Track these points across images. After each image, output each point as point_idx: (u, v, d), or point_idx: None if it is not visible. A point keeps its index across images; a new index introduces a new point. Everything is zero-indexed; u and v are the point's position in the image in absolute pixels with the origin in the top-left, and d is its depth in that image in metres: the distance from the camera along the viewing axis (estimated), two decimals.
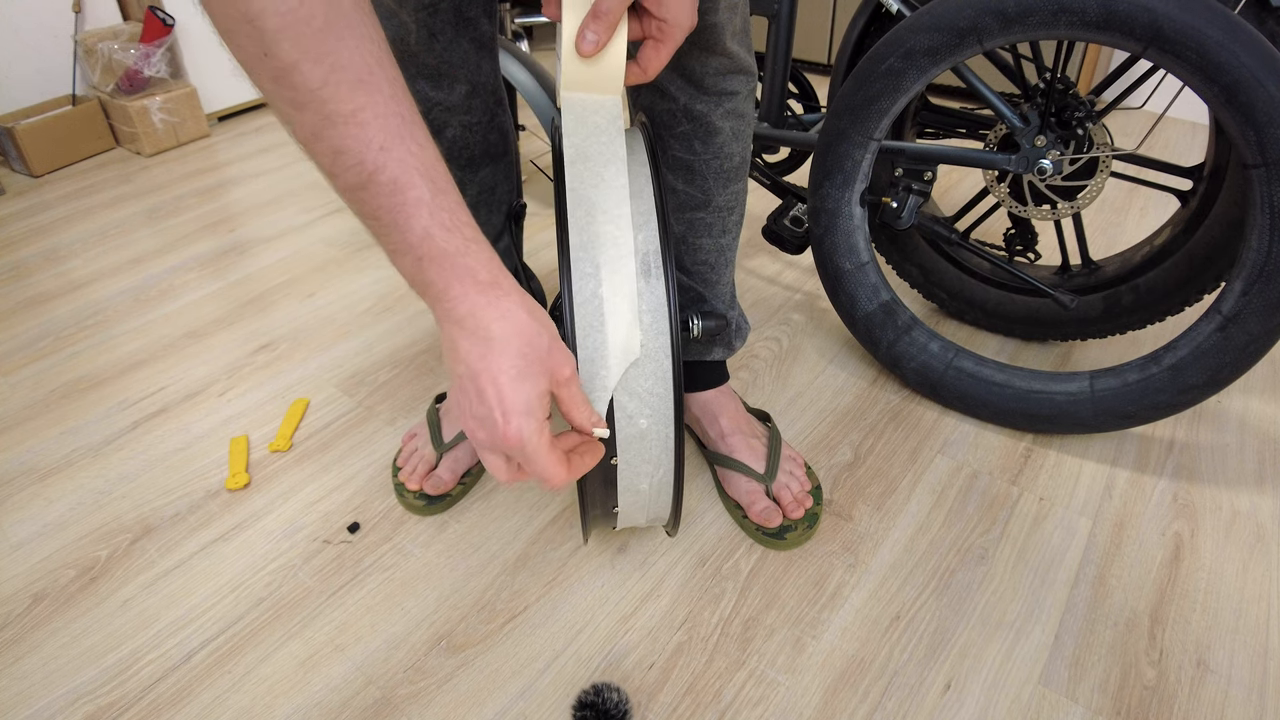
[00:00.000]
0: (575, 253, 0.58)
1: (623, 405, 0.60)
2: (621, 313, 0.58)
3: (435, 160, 0.49)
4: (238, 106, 2.20)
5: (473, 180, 0.85)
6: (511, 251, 0.95)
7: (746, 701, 0.75)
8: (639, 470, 0.64)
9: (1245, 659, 0.77)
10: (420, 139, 0.48)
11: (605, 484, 0.65)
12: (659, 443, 0.62)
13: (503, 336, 0.50)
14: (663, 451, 0.63)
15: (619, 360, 0.58)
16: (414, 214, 0.49)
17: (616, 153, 0.61)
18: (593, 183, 0.60)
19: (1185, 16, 0.79)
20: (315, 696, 0.77)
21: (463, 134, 0.81)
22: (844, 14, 2.17)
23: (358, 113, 0.45)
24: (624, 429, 0.61)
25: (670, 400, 0.61)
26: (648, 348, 0.60)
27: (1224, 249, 0.96)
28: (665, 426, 0.62)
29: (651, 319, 0.60)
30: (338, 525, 0.94)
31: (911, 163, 1.03)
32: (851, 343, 1.21)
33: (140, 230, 1.63)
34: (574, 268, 0.58)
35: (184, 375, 1.20)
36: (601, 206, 0.59)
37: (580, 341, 0.58)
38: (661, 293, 0.60)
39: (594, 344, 0.58)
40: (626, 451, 0.63)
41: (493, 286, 0.50)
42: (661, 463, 0.64)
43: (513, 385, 0.49)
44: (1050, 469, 0.98)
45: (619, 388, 0.59)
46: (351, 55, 0.45)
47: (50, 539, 0.94)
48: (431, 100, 0.78)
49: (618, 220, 0.59)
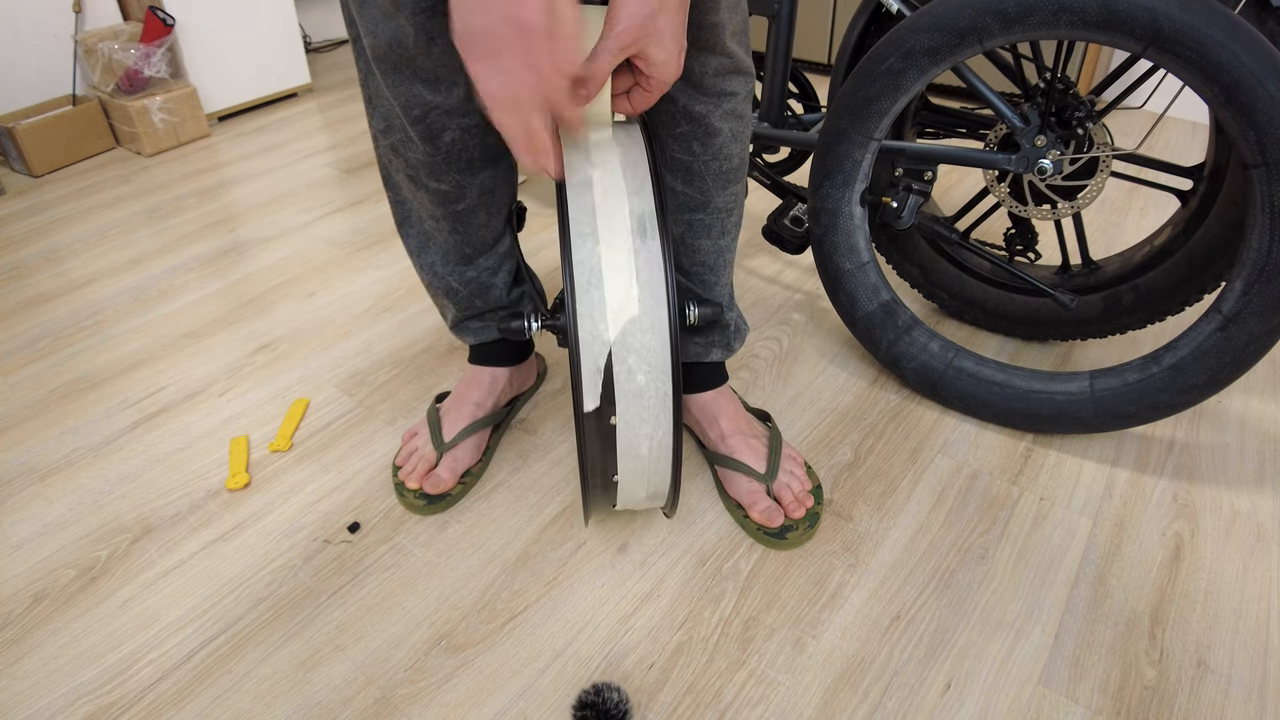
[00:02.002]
0: (573, 214, 0.60)
1: (622, 359, 0.62)
2: (619, 268, 0.61)
3: None
4: (238, 106, 2.20)
5: (472, 183, 0.85)
6: (513, 253, 0.95)
7: (746, 701, 0.75)
8: (638, 431, 0.65)
9: (1245, 659, 0.77)
10: None
11: (605, 449, 0.67)
12: (657, 400, 0.64)
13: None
14: (661, 410, 0.64)
15: (617, 316, 0.60)
16: None
17: (609, 140, 0.66)
18: (589, 162, 0.64)
19: (1185, 16, 0.79)
20: (315, 696, 0.77)
21: (462, 136, 0.81)
22: (844, 14, 2.17)
23: None
24: (623, 384, 0.62)
25: (667, 357, 0.62)
26: (644, 304, 0.61)
27: (1224, 249, 0.96)
28: (663, 384, 0.63)
29: (648, 275, 0.62)
30: (338, 525, 0.94)
31: (911, 162, 1.03)
32: (851, 343, 1.21)
33: (140, 230, 1.63)
34: (572, 228, 0.60)
35: (184, 375, 1.20)
36: (597, 178, 0.63)
37: (579, 298, 0.60)
38: (657, 251, 0.62)
39: (592, 300, 0.60)
40: (626, 410, 0.64)
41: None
42: (660, 423, 0.65)
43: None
44: (1050, 469, 0.98)
45: (617, 343, 0.61)
46: None
47: (50, 539, 0.94)
48: (429, 104, 0.77)
49: (612, 188, 0.62)
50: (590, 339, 0.61)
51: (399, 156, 0.83)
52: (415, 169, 0.83)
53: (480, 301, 0.95)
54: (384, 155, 0.86)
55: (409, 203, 0.90)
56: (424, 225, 0.91)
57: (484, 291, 0.94)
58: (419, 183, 0.84)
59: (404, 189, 0.88)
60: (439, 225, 0.88)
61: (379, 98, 0.80)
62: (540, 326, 0.69)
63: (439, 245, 0.91)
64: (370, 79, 0.79)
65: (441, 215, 0.87)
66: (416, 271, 0.95)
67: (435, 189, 0.84)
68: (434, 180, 0.83)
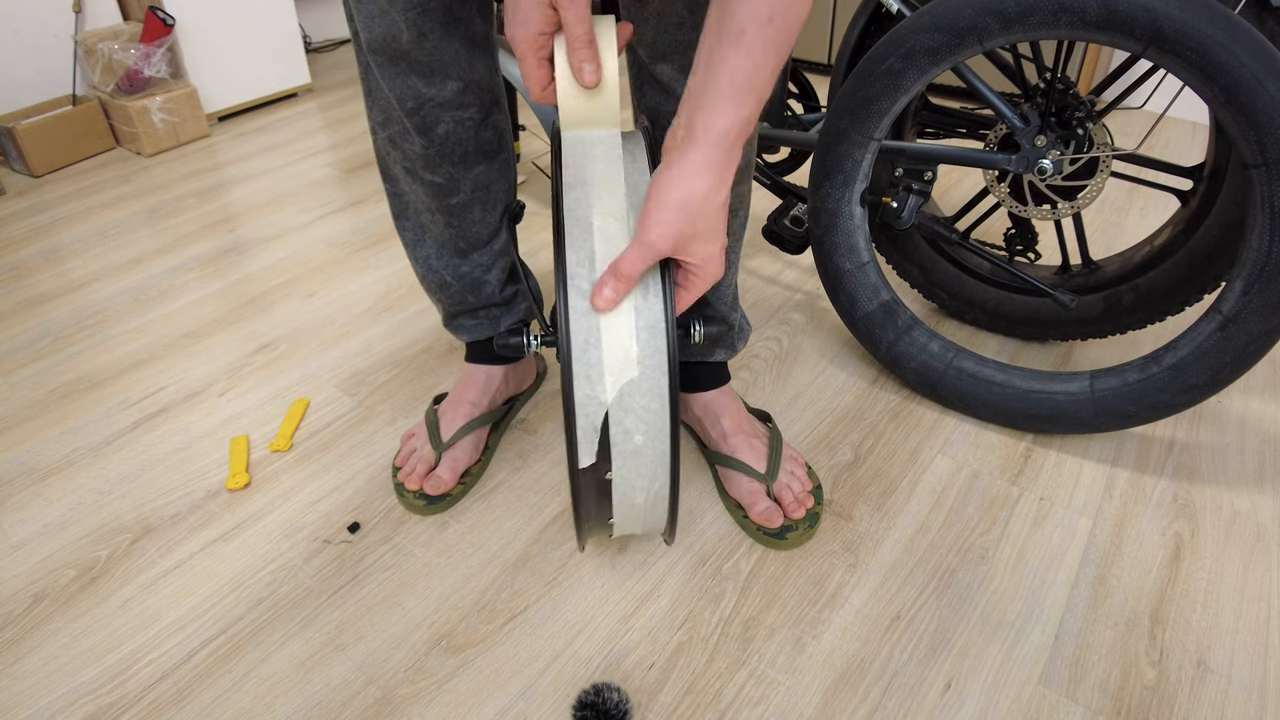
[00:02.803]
0: (571, 269, 0.58)
1: (619, 421, 0.60)
2: (618, 330, 0.58)
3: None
4: (238, 106, 2.20)
5: (466, 177, 0.86)
6: (509, 250, 0.95)
7: (746, 701, 0.75)
8: (634, 485, 0.64)
9: (1245, 659, 0.77)
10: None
11: (600, 496, 0.65)
12: (655, 457, 0.62)
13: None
14: (658, 466, 0.62)
15: (615, 378, 0.58)
16: None
17: (615, 176, 0.62)
18: (590, 204, 0.60)
19: (1185, 16, 0.79)
20: (315, 696, 0.77)
21: (455, 129, 0.82)
22: (844, 14, 2.17)
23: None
24: (620, 444, 0.61)
25: (666, 416, 0.60)
26: (644, 365, 0.59)
27: (1224, 249, 0.96)
28: (661, 442, 0.61)
29: (649, 335, 0.59)
30: (338, 525, 0.94)
31: (911, 163, 1.03)
32: (851, 343, 1.21)
33: (140, 230, 1.63)
34: (570, 284, 0.57)
35: (184, 375, 1.20)
36: (599, 225, 0.59)
37: (576, 358, 0.57)
38: (659, 310, 0.59)
39: (589, 361, 0.58)
40: (622, 467, 0.62)
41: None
42: (657, 476, 0.63)
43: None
44: (1050, 469, 0.98)
45: (614, 404, 0.59)
46: None
47: (50, 539, 0.94)
48: (423, 96, 0.79)
49: (614, 238, 0.59)
50: (587, 400, 0.58)
51: (396, 149, 0.84)
52: (412, 161, 0.84)
53: (473, 297, 0.95)
54: (382, 147, 0.87)
55: (406, 195, 0.91)
56: (420, 218, 0.91)
57: (477, 287, 0.94)
58: (415, 175, 0.85)
59: (401, 181, 0.89)
60: (434, 218, 0.89)
61: (377, 91, 0.81)
62: (540, 343, 0.68)
63: (434, 238, 0.92)
64: (369, 73, 0.81)
65: (437, 208, 0.88)
66: (411, 264, 0.96)
67: (430, 181, 0.85)
68: (429, 172, 0.84)
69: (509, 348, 0.68)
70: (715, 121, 0.55)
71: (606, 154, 0.63)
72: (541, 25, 0.60)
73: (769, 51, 0.54)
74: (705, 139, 0.56)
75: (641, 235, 0.57)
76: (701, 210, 0.57)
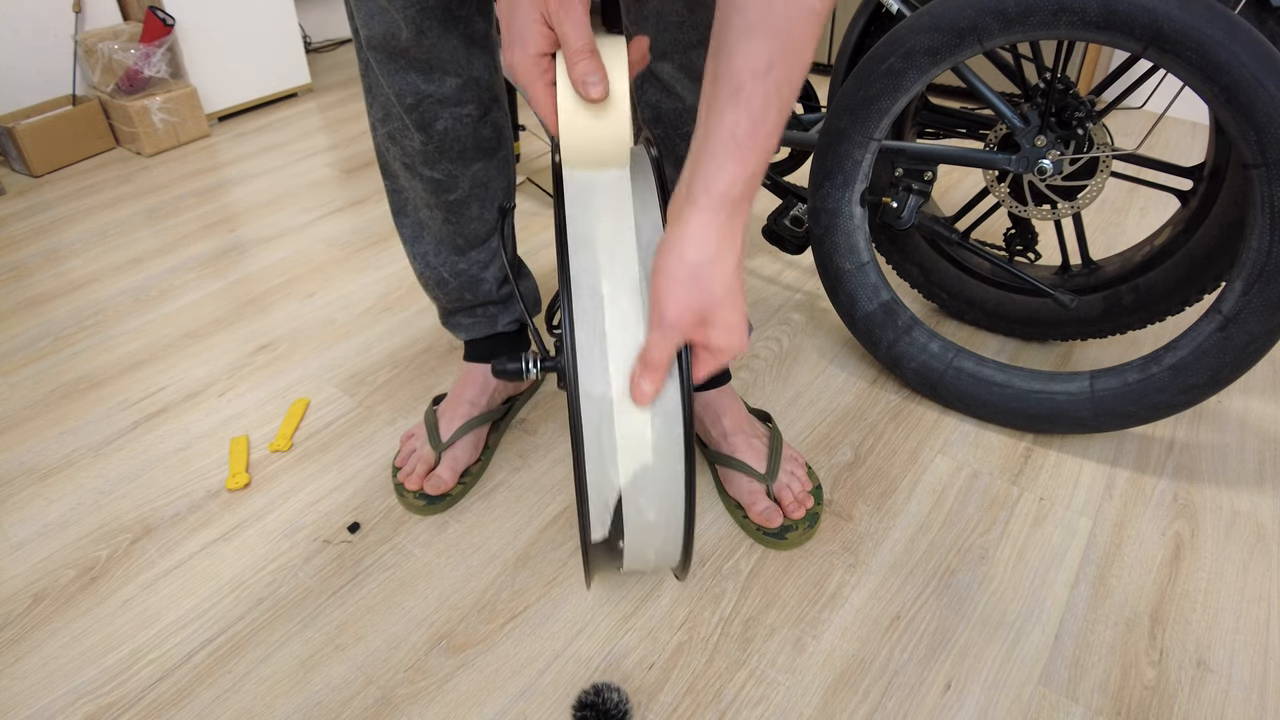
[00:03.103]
0: (583, 348, 0.54)
1: (632, 500, 0.58)
2: (632, 415, 0.55)
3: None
4: (238, 106, 2.20)
5: (465, 174, 0.86)
6: (502, 249, 0.96)
7: (746, 701, 0.75)
8: (645, 553, 0.63)
9: (1245, 659, 0.77)
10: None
11: (610, 557, 0.63)
12: (669, 528, 0.60)
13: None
14: (673, 533, 0.61)
15: (629, 462, 0.56)
16: None
17: (624, 231, 0.57)
18: (599, 271, 0.55)
19: (1185, 16, 0.79)
20: (315, 696, 0.77)
21: (454, 126, 0.82)
22: (844, 14, 2.17)
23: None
24: (633, 520, 0.59)
25: (682, 497, 0.58)
26: (659, 451, 0.56)
27: (1224, 249, 0.96)
28: (676, 516, 0.59)
29: (664, 422, 0.56)
30: (338, 525, 0.94)
31: (911, 163, 1.03)
32: (851, 343, 1.21)
33: (140, 230, 1.63)
34: (581, 368, 0.54)
35: (184, 375, 1.20)
36: (608, 294, 0.55)
37: (588, 441, 0.55)
38: (675, 396, 0.55)
39: (603, 446, 0.55)
40: (634, 539, 0.61)
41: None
42: (670, 538, 0.62)
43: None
44: (1050, 469, 0.98)
45: (628, 486, 0.57)
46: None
47: (50, 539, 0.94)
48: (422, 92, 0.79)
49: (627, 312, 0.55)
50: (600, 481, 0.56)
51: (395, 145, 0.85)
52: (411, 157, 0.85)
53: (470, 295, 0.95)
54: (382, 144, 0.87)
55: (405, 192, 0.91)
56: (419, 214, 0.92)
57: (474, 285, 0.95)
58: (414, 171, 0.86)
59: (400, 178, 0.89)
60: (433, 214, 0.90)
61: (377, 87, 0.82)
62: (540, 370, 0.66)
63: (433, 235, 0.92)
64: (369, 70, 0.82)
65: (435, 204, 0.88)
66: (410, 261, 0.96)
67: (429, 177, 0.85)
68: (428, 168, 0.85)
69: (507, 374, 0.66)
70: (716, 182, 0.52)
71: (614, 204, 0.57)
72: (540, 45, 0.55)
73: (770, 104, 0.51)
74: (706, 202, 0.52)
75: (659, 316, 0.53)
76: (714, 277, 0.53)
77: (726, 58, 0.51)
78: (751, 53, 0.49)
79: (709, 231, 0.52)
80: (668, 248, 0.53)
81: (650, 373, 0.54)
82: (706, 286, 0.53)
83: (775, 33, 0.49)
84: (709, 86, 0.53)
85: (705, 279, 0.53)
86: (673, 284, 0.53)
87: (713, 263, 0.53)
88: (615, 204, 0.58)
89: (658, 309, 0.53)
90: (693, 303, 0.53)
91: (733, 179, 0.52)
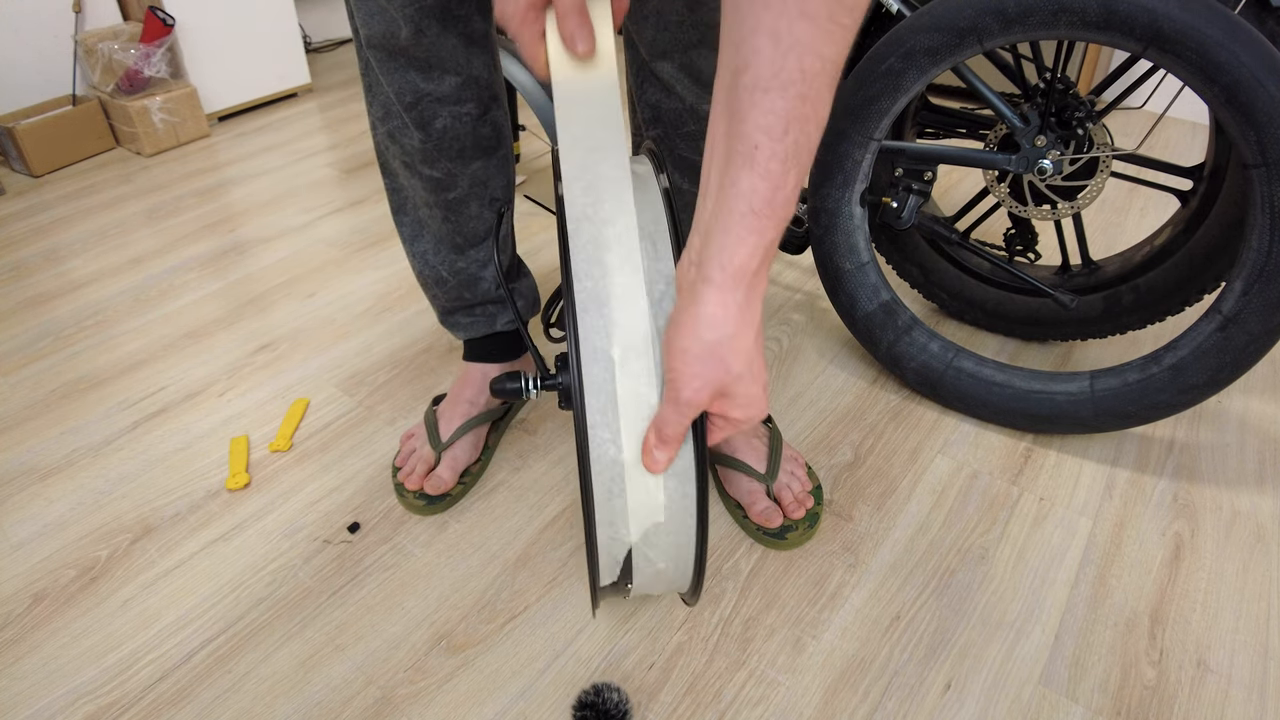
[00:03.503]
0: (593, 416, 0.53)
1: (642, 553, 0.57)
2: (644, 479, 0.54)
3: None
4: (238, 106, 2.20)
5: (464, 173, 0.86)
6: (504, 248, 0.96)
7: (746, 701, 0.75)
8: (653, 589, 0.63)
9: (1245, 659, 0.77)
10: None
11: (616, 589, 0.63)
12: (678, 573, 0.61)
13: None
14: (681, 575, 0.61)
15: (640, 522, 0.56)
16: None
17: (634, 286, 0.54)
18: (610, 333, 0.53)
19: (1185, 16, 0.79)
20: (315, 696, 0.77)
21: (453, 124, 0.82)
22: None
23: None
24: (643, 570, 0.59)
25: (692, 549, 0.58)
26: (671, 510, 0.55)
27: (1224, 249, 0.96)
28: (685, 565, 0.59)
29: (678, 483, 0.54)
30: (338, 525, 0.94)
31: (911, 163, 1.03)
32: (851, 343, 1.21)
33: (140, 230, 1.63)
34: (592, 434, 0.53)
35: (184, 375, 1.20)
36: (619, 358, 0.53)
37: (599, 505, 0.55)
38: (689, 459, 0.54)
39: (614, 509, 0.55)
40: (643, 583, 0.61)
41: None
42: (679, 580, 0.62)
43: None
44: (1050, 469, 0.98)
45: (639, 542, 0.57)
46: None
47: (50, 539, 0.94)
48: (422, 91, 0.79)
49: (639, 378, 0.53)
50: (610, 541, 0.56)
51: (395, 143, 0.85)
52: (410, 155, 0.85)
53: (469, 294, 0.96)
54: (381, 142, 0.87)
55: (404, 190, 0.91)
56: (418, 213, 0.92)
57: (472, 283, 0.95)
58: (413, 170, 0.86)
59: (400, 176, 0.90)
60: (432, 213, 0.90)
61: (377, 86, 0.82)
62: (540, 389, 0.65)
63: (432, 234, 0.92)
64: (369, 68, 0.82)
65: (434, 203, 0.88)
66: (409, 260, 0.96)
67: (429, 176, 0.86)
68: (427, 167, 0.85)
69: (506, 393, 0.65)
70: (732, 256, 0.47)
71: (623, 257, 0.54)
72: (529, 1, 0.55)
73: (790, 168, 0.46)
74: (723, 279, 0.48)
75: (674, 393, 0.50)
76: (732, 353, 0.49)
77: (739, 117, 0.46)
78: (766, 111, 0.45)
79: (727, 311, 0.48)
80: (682, 327, 0.50)
81: (664, 446, 0.52)
82: (724, 363, 0.50)
83: (790, 87, 0.44)
84: (718, 147, 0.48)
85: (723, 356, 0.49)
86: (688, 363, 0.49)
87: (731, 339, 0.49)
88: (623, 258, 0.54)
89: (673, 386, 0.50)
90: (710, 380, 0.50)
91: (750, 252, 0.48)
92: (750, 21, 0.44)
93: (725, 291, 0.48)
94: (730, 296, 0.48)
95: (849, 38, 0.45)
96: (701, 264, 0.48)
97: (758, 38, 0.44)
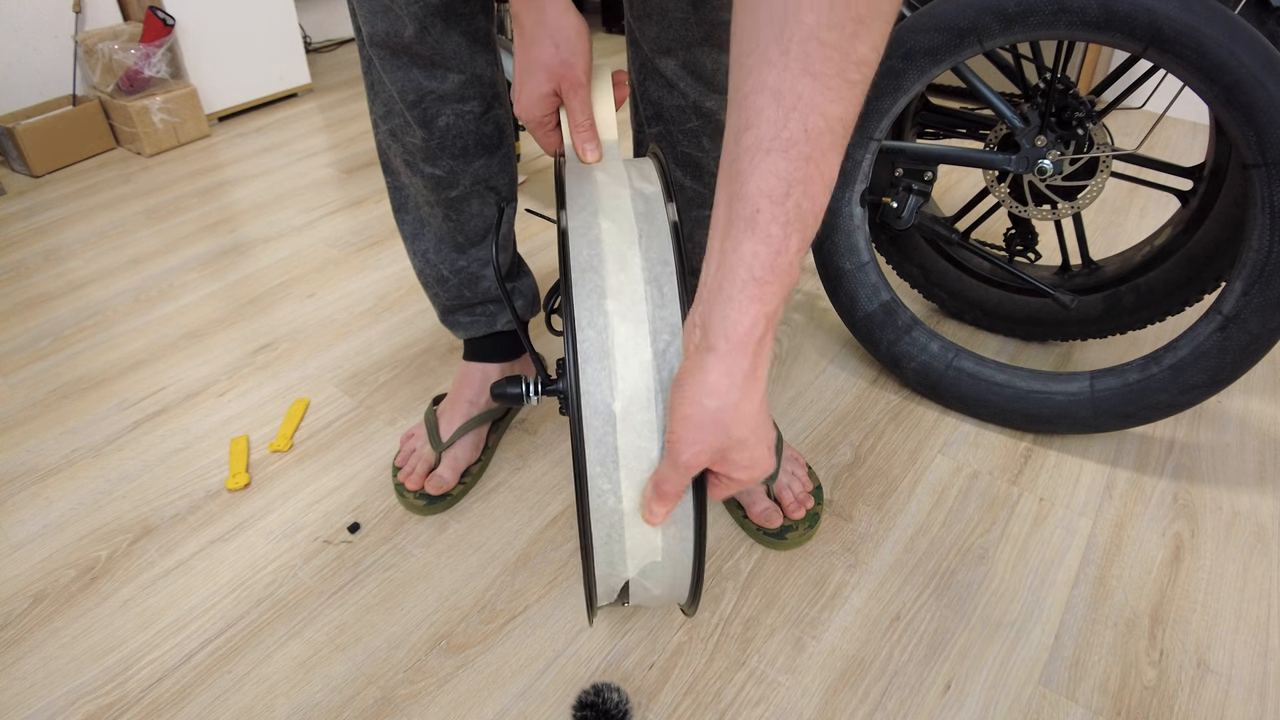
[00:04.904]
0: (592, 468, 0.53)
1: (639, 584, 0.58)
2: (643, 530, 0.55)
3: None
4: (238, 106, 2.20)
5: (466, 170, 0.86)
6: (505, 247, 0.96)
7: (746, 701, 0.75)
8: (651, 604, 0.64)
9: (1245, 659, 0.77)
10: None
11: (614, 605, 0.64)
12: (673, 595, 0.61)
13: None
14: (677, 594, 0.62)
15: (638, 561, 0.56)
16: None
17: (639, 337, 0.53)
18: (613, 385, 0.53)
19: (1185, 16, 0.79)
20: (315, 696, 0.77)
21: (456, 122, 0.82)
22: None
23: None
24: (639, 595, 0.60)
25: (688, 579, 0.58)
26: (669, 551, 0.55)
27: (1224, 249, 0.96)
28: (681, 591, 0.60)
29: (677, 529, 0.54)
30: (338, 525, 0.94)
31: (911, 163, 1.03)
32: (851, 343, 1.21)
33: (140, 230, 1.63)
34: (591, 485, 0.53)
35: (184, 375, 1.20)
36: (620, 411, 0.52)
37: (598, 549, 0.55)
38: (688, 507, 0.54)
39: (612, 551, 0.55)
40: (639, 603, 0.63)
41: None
42: (674, 598, 0.63)
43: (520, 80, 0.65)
44: (1050, 469, 0.98)
45: (636, 576, 0.57)
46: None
47: (50, 539, 0.94)
48: (425, 89, 0.80)
49: (640, 432, 0.52)
50: (608, 574, 0.57)
51: (397, 141, 0.85)
52: (412, 154, 0.85)
53: (469, 292, 0.95)
54: (383, 140, 0.87)
55: (406, 188, 0.91)
56: (420, 211, 0.92)
57: (474, 282, 0.95)
58: (415, 168, 0.86)
59: (402, 174, 0.89)
60: (433, 211, 0.90)
61: (379, 84, 0.82)
62: (541, 394, 0.65)
63: (433, 232, 0.92)
64: (371, 67, 0.82)
65: (436, 201, 0.88)
66: (410, 258, 0.96)
67: (430, 174, 0.85)
68: (429, 165, 0.85)
69: (506, 398, 0.65)
70: (736, 324, 0.46)
71: (627, 310, 0.54)
72: (546, 110, 0.66)
73: (791, 230, 0.44)
74: (727, 349, 0.47)
75: (674, 455, 0.49)
76: (736, 420, 0.48)
77: (740, 179, 0.45)
78: (768, 173, 0.43)
79: (732, 379, 0.47)
80: (686, 391, 0.48)
81: (663, 501, 0.52)
82: (726, 429, 0.49)
83: (792, 148, 0.43)
84: (720, 211, 0.47)
85: (726, 423, 0.48)
86: (689, 429, 0.48)
87: (735, 407, 0.48)
88: (627, 310, 0.54)
89: (673, 449, 0.49)
90: (710, 445, 0.49)
91: (753, 321, 0.46)
92: (753, 80, 0.43)
93: (729, 360, 0.47)
94: (735, 365, 0.47)
95: (858, 95, 0.43)
96: (706, 331, 0.47)
97: (760, 96, 0.43)
